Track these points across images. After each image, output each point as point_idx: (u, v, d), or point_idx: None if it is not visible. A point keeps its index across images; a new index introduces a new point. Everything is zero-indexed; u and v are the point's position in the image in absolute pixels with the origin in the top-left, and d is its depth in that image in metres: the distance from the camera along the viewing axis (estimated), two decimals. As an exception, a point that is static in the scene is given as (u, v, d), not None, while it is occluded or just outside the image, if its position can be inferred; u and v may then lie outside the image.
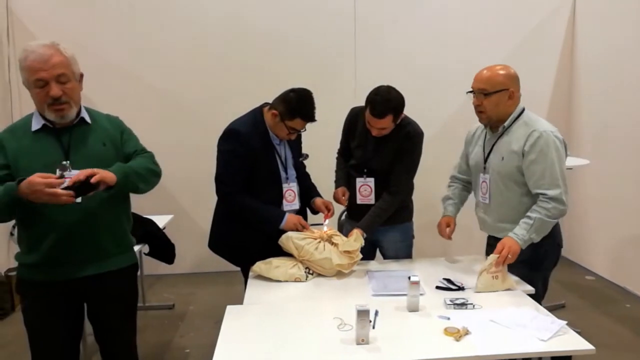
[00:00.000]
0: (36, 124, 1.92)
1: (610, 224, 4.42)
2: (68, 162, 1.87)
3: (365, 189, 2.69)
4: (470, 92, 2.38)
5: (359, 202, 2.70)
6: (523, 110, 2.41)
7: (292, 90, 2.49)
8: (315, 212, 2.76)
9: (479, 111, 2.38)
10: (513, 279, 2.31)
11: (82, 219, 1.92)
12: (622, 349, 3.26)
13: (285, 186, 2.60)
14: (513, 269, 2.32)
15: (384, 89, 2.49)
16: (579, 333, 1.87)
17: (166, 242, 3.30)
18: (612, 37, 4.33)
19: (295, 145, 2.71)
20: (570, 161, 3.80)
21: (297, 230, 2.51)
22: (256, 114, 2.56)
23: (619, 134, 4.26)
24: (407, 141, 2.60)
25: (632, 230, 4.15)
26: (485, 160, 2.46)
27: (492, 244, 2.44)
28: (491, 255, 2.25)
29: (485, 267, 2.24)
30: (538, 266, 2.41)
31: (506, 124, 2.37)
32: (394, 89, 2.51)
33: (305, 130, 2.56)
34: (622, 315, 3.75)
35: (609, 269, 4.47)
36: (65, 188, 1.74)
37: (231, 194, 2.54)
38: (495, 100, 2.31)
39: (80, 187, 1.76)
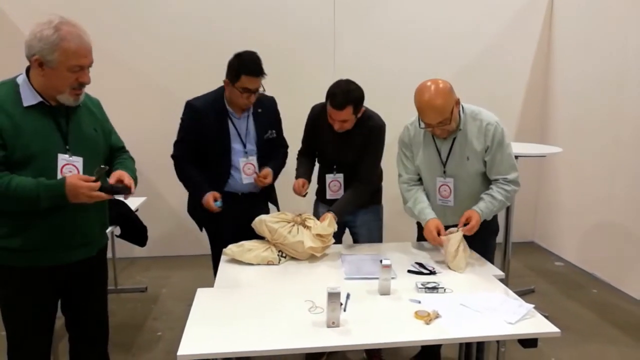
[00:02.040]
0: (30, 99, 1.80)
1: (581, 212, 4.51)
2: (106, 167, 1.88)
3: (335, 185, 2.75)
4: (425, 126, 2.38)
5: (328, 197, 2.75)
6: (462, 106, 2.45)
7: (235, 55, 2.56)
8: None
9: (441, 132, 2.40)
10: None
11: (78, 204, 1.87)
12: (588, 333, 3.35)
13: (243, 160, 2.65)
14: None
15: (343, 82, 2.54)
16: (546, 317, 1.91)
17: (138, 224, 3.25)
18: (589, 27, 4.38)
19: (264, 122, 2.70)
20: (544, 149, 3.87)
21: (210, 206, 2.57)
22: (218, 90, 2.66)
23: (592, 124, 4.33)
24: (371, 134, 2.65)
25: (601, 218, 4.24)
26: (445, 165, 2.48)
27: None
28: (456, 234, 2.34)
29: (457, 246, 2.30)
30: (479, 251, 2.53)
31: (461, 126, 2.42)
32: (353, 82, 2.55)
33: (264, 90, 2.60)
34: (589, 301, 3.85)
35: (578, 256, 4.57)
36: (103, 188, 1.82)
37: (176, 157, 2.71)
38: (454, 117, 2.36)
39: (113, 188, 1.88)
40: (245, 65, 2.48)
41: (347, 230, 2.88)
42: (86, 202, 1.80)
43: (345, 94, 2.47)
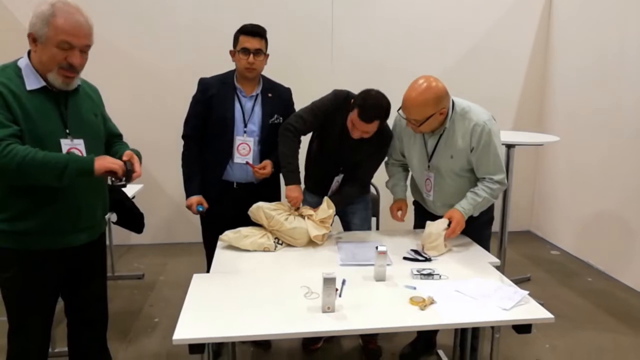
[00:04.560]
0: (34, 83, 1.80)
1: (577, 201, 4.53)
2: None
3: (335, 184, 2.73)
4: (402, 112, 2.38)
5: (329, 195, 2.69)
6: (453, 102, 2.41)
7: None
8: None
9: (413, 128, 2.39)
10: (465, 240, 2.56)
11: (88, 187, 1.90)
12: (581, 320, 3.38)
13: (239, 138, 2.64)
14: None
15: (374, 93, 2.43)
16: (542, 305, 1.91)
17: (135, 211, 3.24)
18: (588, 17, 4.36)
19: (272, 107, 2.69)
20: (541, 138, 3.86)
21: (191, 209, 2.69)
22: (231, 70, 2.70)
23: (589, 113, 4.33)
24: (382, 142, 2.63)
25: (596, 207, 4.26)
26: (430, 159, 2.49)
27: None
28: (441, 221, 2.39)
29: (440, 232, 2.35)
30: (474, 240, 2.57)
31: (447, 125, 2.40)
32: (383, 94, 2.44)
33: (266, 54, 2.62)
34: (584, 289, 3.88)
35: (574, 244, 4.60)
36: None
37: (185, 137, 2.72)
38: (429, 123, 2.33)
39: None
40: (243, 27, 2.59)
41: (336, 220, 2.85)
42: (110, 167, 1.81)
43: (378, 108, 2.39)
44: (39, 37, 1.77)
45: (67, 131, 1.86)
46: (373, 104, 2.39)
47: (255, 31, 2.56)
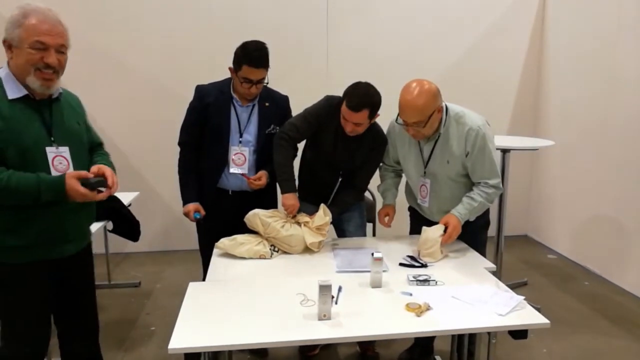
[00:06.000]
0: (15, 92, 1.79)
1: (573, 205, 4.54)
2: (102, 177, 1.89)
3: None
4: (400, 119, 2.38)
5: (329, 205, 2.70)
6: (447, 108, 2.43)
7: (242, 43, 2.53)
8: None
9: (415, 134, 2.40)
10: (461, 246, 2.56)
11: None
12: (578, 324, 3.38)
13: (235, 148, 2.64)
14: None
15: (363, 84, 2.48)
16: (538, 309, 1.92)
17: (131, 219, 3.23)
18: (582, 20, 4.39)
19: (268, 117, 2.67)
20: (536, 142, 3.88)
21: (188, 216, 2.69)
22: (229, 78, 2.67)
23: (584, 117, 4.35)
24: (376, 147, 2.65)
25: (593, 211, 4.27)
26: (426, 165, 2.50)
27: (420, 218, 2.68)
28: (437, 227, 2.40)
29: (436, 239, 2.35)
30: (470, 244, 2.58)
31: (442, 130, 2.41)
32: (372, 86, 2.48)
33: (267, 82, 2.57)
34: (581, 293, 3.88)
35: (571, 249, 4.60)
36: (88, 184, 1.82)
37: (181, 144, 2.72)
38: (431, 123, 2.35)
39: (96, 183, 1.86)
40: (248, 55, 2.47)
41: (330, 228, 2.85)
42: (80, 192, 1.81)
43: (364, 96, 2.42)
44: (13, 41, 1.76)
45: (52, 139, 1.85)
46: (360, 92, 2.43)
47: (259, 63, 2.48)
